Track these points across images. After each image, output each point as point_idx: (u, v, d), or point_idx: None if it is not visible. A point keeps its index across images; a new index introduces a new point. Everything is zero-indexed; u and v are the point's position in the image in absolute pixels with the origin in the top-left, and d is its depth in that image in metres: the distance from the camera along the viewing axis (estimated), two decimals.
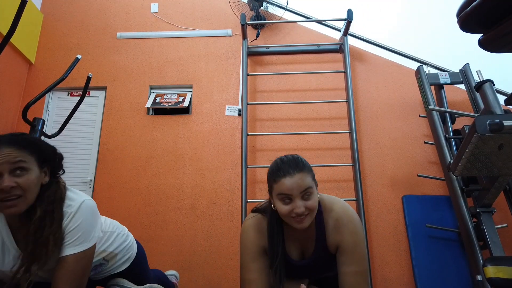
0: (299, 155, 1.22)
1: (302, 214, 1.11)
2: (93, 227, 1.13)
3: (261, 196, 2.98)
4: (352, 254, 1.17)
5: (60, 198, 1.08)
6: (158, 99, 3.38)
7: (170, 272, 1.95)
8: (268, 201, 1.25)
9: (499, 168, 2.09)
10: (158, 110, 3.41)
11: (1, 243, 1.07)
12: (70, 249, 1.06)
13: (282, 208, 1.13)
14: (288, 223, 1.17)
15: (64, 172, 1.18)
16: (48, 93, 2.90)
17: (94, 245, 1.14)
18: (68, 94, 3.51)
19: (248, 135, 3.08)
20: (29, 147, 1.05)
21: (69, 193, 1.12)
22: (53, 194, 1.07)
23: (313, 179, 1.17)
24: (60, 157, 1.16)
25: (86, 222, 1.10)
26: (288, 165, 1.15)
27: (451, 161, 2.40)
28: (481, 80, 2.69)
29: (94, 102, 3.46)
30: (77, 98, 2.74)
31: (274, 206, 1.18)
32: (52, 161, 1.12)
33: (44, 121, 2.38)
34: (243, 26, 3.24)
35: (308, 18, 3.60)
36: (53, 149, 1.15)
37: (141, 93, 3.42)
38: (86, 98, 2.87)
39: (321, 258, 1.24)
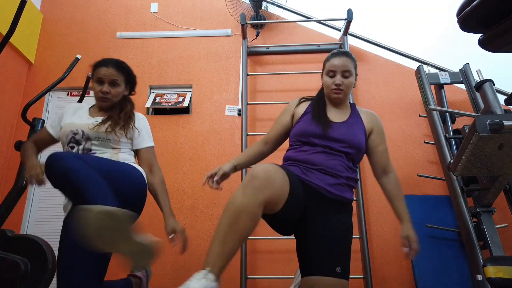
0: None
1: (340, 86, 1.51)
2: (151, 133, 1.76)
3: None
4: (383, 136, 1.59)
5: (133, 104, 1.75)
6: (158, 99, 3.38)
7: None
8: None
9: (499, 167, 2.09)
10: (158, 110, 3.41)
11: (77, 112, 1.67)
12: (148, 143, 1.72)
13: (327, 80, 1.55)
14: (328, 95, 1.58)
15: (135, 93, 1.81)
16: (48, 93, 2.90)
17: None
18: (67, 94, 3.51)
19: (248, 135, 3.07)
20: (123, 71, 1.68)
21: None
22: (131, 101, 1.76)
23: (355, 69, 1.57)
24: (135, 83, 1.78)
25: (147, 125, 1.76)
26: (340, 51, 1.58)
27: (451, 161, 2.39)
28: (481, 79, 2.69)
29: (94, 102, 3.46)
30: (77, 98, 2.74)
31: (322, 85, 1.61)
32: (133, 83, 1.76)
33: (44, 121, 2.38)
34: (243, 26, 3.24)
35: (308, 18, 3.59)
36: (135, 76, 1.76)
37: (141, 93, 3.42)
38: (86, 98, 2.86)
39: (354, 124, 1.54)
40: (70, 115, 1.66)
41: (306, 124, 1.53)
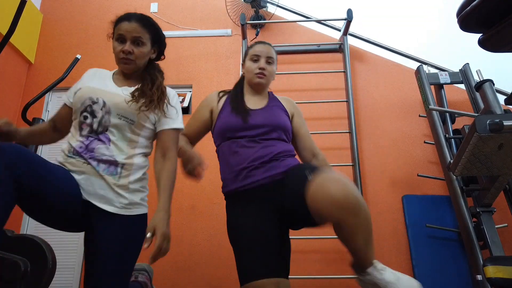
0: None
1: (264, 71, 1.54)
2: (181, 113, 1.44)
3: None
4: (303, 119, 1.62)
5: (162, 72, 1.46)
6: None
7: (138, 266, 1.76)
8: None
9: (499, 167, 2.09)
10: None
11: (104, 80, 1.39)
12: (178, 124, 1.38)
13: (250, 65, 1.57)
14: (250, 81, 1.58)
15: (164, 57, 1.53)
16: (48, 93, 2.90)
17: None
18: None
19: None
20: (149, 28, 1.41)
21: None
22: (159, 68, 1.47)
23: (276, 61, 1.64)
24: (165, 45, 1.50)
25: (179, 104, 1.44)
26: (264, 41, 1.65)
27: (451, 161, 2.40)
28: (481, 79, 2.69)
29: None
30: None
31: (243, 74, 1.64)
32: (161, 44, 1.48)
33: (43, 121, 2.38)
34: (243, 26, 3.24)
35: (308, 18, 3.59)
36: (164, 36, 1.49)
37: None
38: None
39: (274, 108, 1.56)
40: (90, 78, 1.41)
41: (226, 118, 1.50)
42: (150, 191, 1.37)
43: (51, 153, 3.27)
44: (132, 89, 1.35)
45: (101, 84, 1.36)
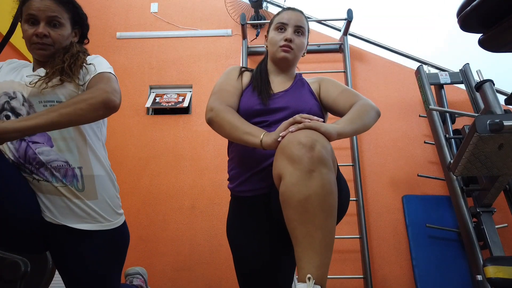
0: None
1: (291, 43, 1.28)
2: (107, 62, 1.24)
3: None
4: (335, 83, 1.33)
5: (84, 51, 1.21)
6: (158, 99, 3.38)
7: (132, 270, 1.75)
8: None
9: (499, 167, 2.09)
10: (158, 110, 3.40)
11: (19, 70, 1.16)
12: (100, 69, 1.15)
13: (274, 36, 1.31)
14: (274, 55, 1.32)
15: (88, 41, 1.33)
16: None
17: (116, 79, 1.18)
18: None
19: None
20: (67, 5, 1.19)
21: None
22: (80, 45, 1.23)
23: (308, 31, 1.38)
24: (88, 27, 1.30)
25: (104, 60, 1.23)
26: (291, 7, 1.38)
27: (451, 161, 2.40)
28: (481, 80, 2.69)
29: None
30: None
31: (267, 47, 1.36)
32: (83, 25, 1.27)
33: None
34: (243, 26, 3.24)
35: (308, 18, 3.59)
36: (86, 16, 1.28)
37: (140, 93, 3.42)
38: None
39: (299, 90, 1.31)
40: (5, 72, 1.16)
41: (247, 100, 1.27)
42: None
43: None
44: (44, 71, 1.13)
45: (17, 76, 1.14)
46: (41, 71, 1.13)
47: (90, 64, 1.16)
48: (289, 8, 1.37)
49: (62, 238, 1.06)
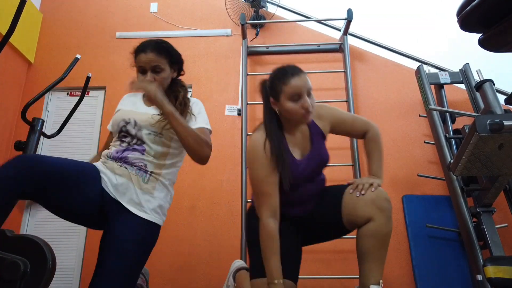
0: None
1: (309, 110, 1.34)
2: (206, 114, 1.57)
3: None
4: (340, 117, 1.54)
5: (186, 90, 1.59)
6: None
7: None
8: (265, 115, 1.45)
9: (499, 167, 2.09)
10: None
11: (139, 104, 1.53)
12: (202, 124, 1.49)
13: (292, 106, 1.35)
14: (294, 120, 1.41)
15: (184, 73, 1.67)
16: (48, 93, 2.90)
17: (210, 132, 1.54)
18: (67, 94, 3.51)
19: (248, 135, 3.07)
20: (165, 53, 1.51)
21: None
22: (183, 84, 1.61)
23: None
24: (182, 61, 1.63)
25: (203, 109, 1.57)
26: (293, 68, 1.38)
27: (451, 161, 2.39)
28: (481, 79, 2.69)
29: (94, 102, 3.46)
30: (77, 98, 2.74)
31: (277, 112, 1.44)
32: (179, 63, 1.61)
33: (43, 121, 2.37)
34: (243, 26, 3.24)
35: (308, 18, 3.59)
36: (179, 55, 1.61)
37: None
38: (86, 98, 2.86)
39: (320, 146, 1.48)
40: (124, 102, 1.58)
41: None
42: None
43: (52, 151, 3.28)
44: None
45: (133, 106, 1.52)
46: (155, 110, 1.45)
47: (193, 114, 1.50)
48: (293, 74, 1.35)
49: (113, 212, 1.33)
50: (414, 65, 3.29)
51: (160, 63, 1.48)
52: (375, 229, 1.31)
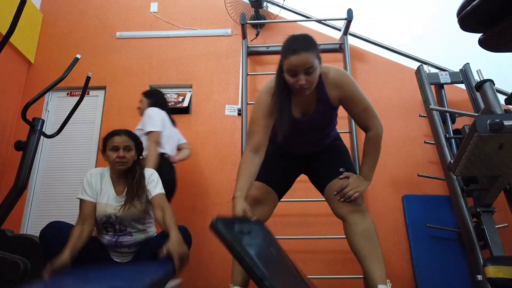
0: (310, 36, 1.47)
1: (303, 87, 1.40)
2: (160, 181, 1.88)
3: None
4: (354, 98, 1.54)
5: (143, 167, 1.89)
6: None
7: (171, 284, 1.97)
8: (279, 68, 1.49)
9: (499, 167, 2.09)
10: None
11: (105, 188, 1.81)
12: (158, 190, 1.82)
13: (289, 79, 1.42)
14: (294, 88, 1.44)
15: (143, 157, 1.96)
16: (48, 93, 2.90)
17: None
18: (67, 94, 3.51)
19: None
20: (134, 138, 1.85)
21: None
22: (140, 164, 1.88)
23: (317, 57, 1.42)
24: (142, 148, 1.93)
25: (156, 177, 1.87)
26: (297, 44, 1.41)
27: (452, 161, 2.39)
28: (482, 79, 2.69)
29: (94, 102, 3.46)
30: (77, 98, 2.74)
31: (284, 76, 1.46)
32: (140, 149, 1.90)
33: (43, 121, 2.38)
34: (243, 26, 3.24)
35: (308, 18, 3.59)
36: (142, 143, 1.92)
37: (140, 92, 3.41)
38: (86, 98, 2.86)
39: (321, 113, 1.55)
40: (101, 194, 1.80)
41: (274, 130, 1.58)
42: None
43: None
44: (123, 196, 1.79)
45: (108, 198, 1.78)
46: (121, 199, 1.79)
47: (148, 190, 1.81)
48: (294, 51, 1.39)
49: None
50: (414, 65, 3.29)
51: (131, 144, 1.81)
52: (350, 228, 1.50)
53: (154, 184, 1.83)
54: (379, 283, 1.36)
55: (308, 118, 1.56)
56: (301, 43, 1.41)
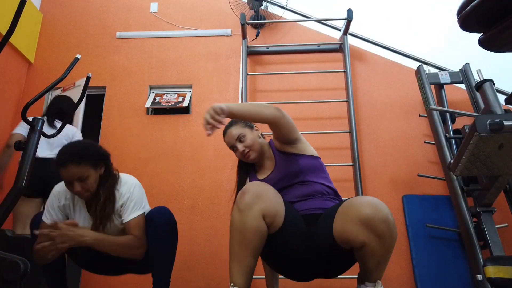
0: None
1: (244, 152, 1.54)
2: (142, 199, 1.64)
3: None
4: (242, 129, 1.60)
5: (114, 183, 1.60)
6: (157, 99, 3.37)
7: None
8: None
9: (499, 167, 2.09)
10: (158, 110, 3.40)
11: (77, 207, 1.61)
12: (132, 214, 1.57)
13: (236, 155, 1.60)
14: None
15: (111, 165, 1.63)
16: (48, 92, 2.89)
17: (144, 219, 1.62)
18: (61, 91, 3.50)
19: None
20: (84, 161, 1.48)
21: (122, 176, 1.65)
22: (108, 180, 1.58)
23: (246, 126, 1.58)
24: (107, 154, 1.61)
25: (137, 196, 1.61)
26: (227, 126, 1.59)
27: (451, 161, 2.39)
28: (481, 79, 2.69)
29: (94, 102, 3.45)
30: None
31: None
32: (103, 158, 1.58)
33: (43, 121, 2.37)
34: (243, 26, 3.24)
35: (308, 18, 3.59)
36: (100, 151, 1.58)
37: (140, 93, 3.41)
38: (86, 98, 2.86)
39: (283, 164, 1.54)
40: (74, 214, 1.62)
41: None
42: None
43: None
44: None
45: (84, 219, 1.60)
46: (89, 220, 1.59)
47: (121, 213, 1.58)
48: (224, 133, 1.60)
49: None
50: (414, 65, 3.29)
51: (83, 172, 1.48)
52: (371, 253, 1.15)
53: (129, 209, 1.57)
54: (367, 281, 1.29)
55: (273, 174, 1.56)
56: (229, 125, 1.61)
